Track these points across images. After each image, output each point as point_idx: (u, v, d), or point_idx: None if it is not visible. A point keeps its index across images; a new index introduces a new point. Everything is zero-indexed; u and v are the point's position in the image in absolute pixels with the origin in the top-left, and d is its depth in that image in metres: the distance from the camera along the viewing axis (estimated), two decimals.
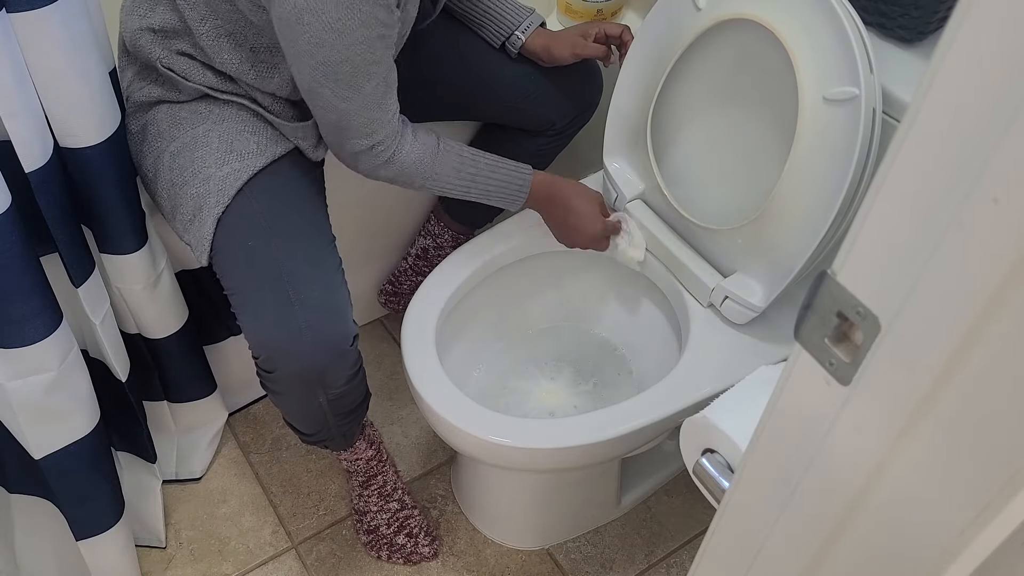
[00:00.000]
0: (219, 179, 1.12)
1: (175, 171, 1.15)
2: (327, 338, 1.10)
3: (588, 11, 1.54)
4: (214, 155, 1.14)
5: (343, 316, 1.12)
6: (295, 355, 1.10)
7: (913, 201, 0.38)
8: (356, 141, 1.10)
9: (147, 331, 1.32)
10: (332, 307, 1.11)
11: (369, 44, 1.00)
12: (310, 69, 1.02)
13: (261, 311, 1.10)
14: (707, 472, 0.71)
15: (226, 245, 1.13)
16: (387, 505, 1.39)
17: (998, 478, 0.39)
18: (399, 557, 1.41)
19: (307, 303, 1.09)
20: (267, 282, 1.10)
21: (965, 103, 0.35)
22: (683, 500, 1.50)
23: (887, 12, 1.10)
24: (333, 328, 1.10)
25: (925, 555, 0.43)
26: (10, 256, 0.98)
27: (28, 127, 1.00)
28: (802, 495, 0.50)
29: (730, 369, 1.19)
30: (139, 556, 1.37)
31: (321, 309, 1.10)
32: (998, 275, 0.35)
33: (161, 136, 1.18)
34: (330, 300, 1.11)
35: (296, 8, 0.96)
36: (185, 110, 1.17)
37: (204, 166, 1.13)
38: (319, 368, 1.11)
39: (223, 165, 1.13)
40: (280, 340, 1.09)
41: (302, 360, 1.10)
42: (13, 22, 0.95)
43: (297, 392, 1.15)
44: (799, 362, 0.46)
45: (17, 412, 1.07)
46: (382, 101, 1.08)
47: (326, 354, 1.10)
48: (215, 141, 1.14)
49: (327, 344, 1.10)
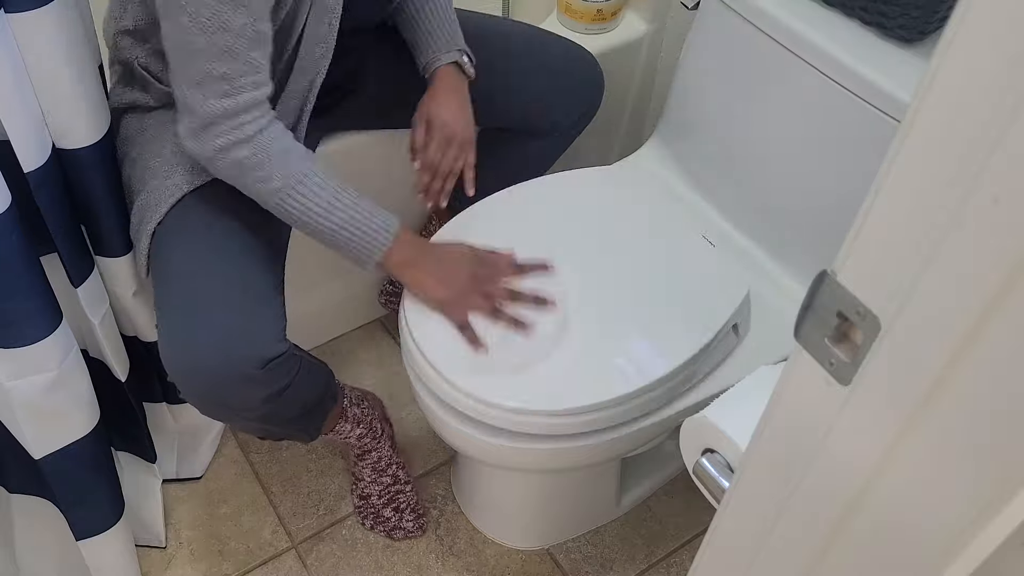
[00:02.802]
0: (160, 191, 1.11)
1: (133, 178, 1.15)
2: (227, 363, 1.03)
3: (588, 11, 1.54)
4: (164, 166, 1.12)
5: (250, 340, 1.05)
6: (192, 378, 1.06)
7: (913, 201, 0.38)
8: (215, 102, 0.99)
9: (142, 334, 1.32)
10: (238, 330, 1.05)
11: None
12: (167, 23, 0.96)
13: (166, 330, 1.07)
14: (707, 472, 0.71)
15: (155, 258, 1.11)
16: (380, 479, 1.41)
17: (998, 478, 0.39)
18: (382, 529, 1.43)
19: (211, 325, 1.04)
20: (178, 300, 1.07)
21: (965, 103, 0.35)
22: (683, 500, 1.50)
23: (887, 12, 1.10)
24: (235, 352, 1.04)
25: (925, 555, 0.43)
26: (10, 256, 0.98)
27: (27, 127, 1.00)
28: (802, 495, 0.50)
29: (730, 369, 1.19)
30: (139, 556, 1.37)
31: (225, 333, 1.04)
32: (998, 275, 0.35)
33: (127, 141, 1.17)
34: (237, 323, 1.05)
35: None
36: (152, 117, 1.16)
37: (152, 176, 1.12)
38: (219, 393, 1.07)
39: (167, 177, 1.11)
40: (178, 362, 1.05)
41: (200, 384, 1.06)
42: (11, 22, 0.95)
43: (211, 413, 1.12)
44: (799, 362, 0.46)
45: (17, 412, 1.07)
46: (249, 50, 0.98)
47: (226, 380, 1.05)
48: (167, 152, 1.13)
49: (227, 370, 1.04)
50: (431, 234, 1.55)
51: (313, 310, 1.55)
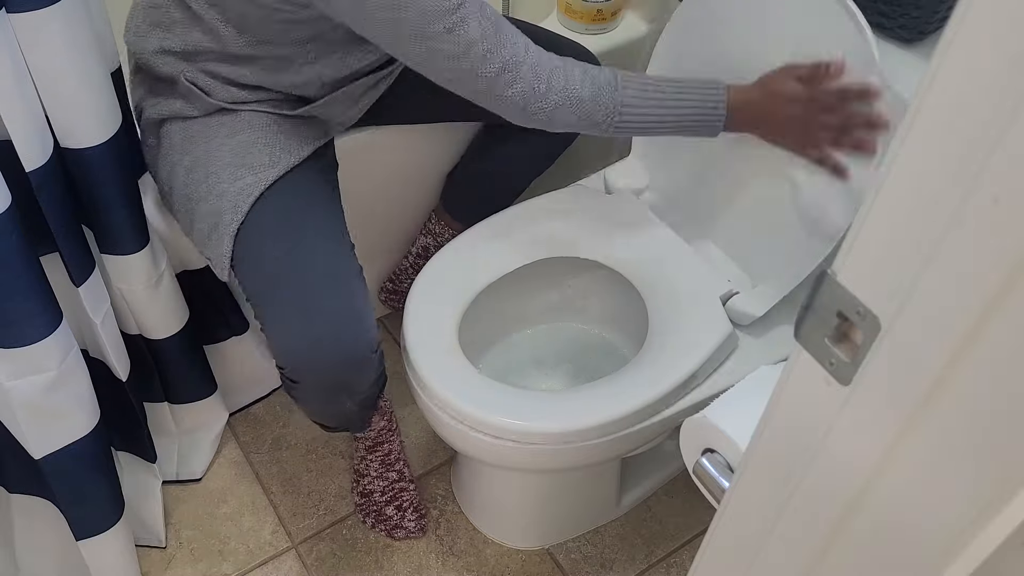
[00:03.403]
0: (233, 194, 1.12)
1: (190, 186, 1.16)
2: (348, 348, 1.09)
3: (588, 11, 1.54)
4: (227, 169, 1.14)
5: (364, 324, 1.11)
6: (317, 366, 1.10)
7: (913, 201, 0.38)
8: (495, 76, 1.00)
9: (148, 332, 1.32)
10: (352, 315, 1.10)
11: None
12: (407, 40, 0.97)
13: (282, 323, 1.10)
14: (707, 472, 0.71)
15: (245, 259, 1.13)
16: (386, 473, 1.41)
17: (998, 478, 0.39)
18: (383, 528, 1.43)
19: (326, 313, 1.08)
20: (286, 294, 1.10)
21: (965, 103, 0.35)
22: (683, 500, 1.50)
23: (887, 12, 1.10)
24: (354, 337, 1.09)
25: (925, 555, 0.43)
26: (10, 255, 0.98)
27: (28, 127, 1.00)
28: (802, 495, 0.50)
29: (730, 369, 1.19)
30: (139, 556, 1.37)
31: (341, 318, 1.09)
32: (998, 275, 0.35)
33: (174, 149, 1.18)
34: (350, 308, 1.10)
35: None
36: (198, 124, 1.17)
37: (218, 181, 1.13)
38: (342, 378, 1.11)
39: (236, 180, 1.13)
40: (302, 352, 1.09)
41: (325, 371, 1.10)
42: (13, 22, 0.95)
43: (323, 399, 1.16)
44: (799, 362, 0.46)
45: (17, 412, 1.07)
46: (498, 27, 1.00)
47: (348, 364, 1.10)
48: (227, 155, 1.14)
49: (348, 354, 1.09)
50: (431, 232, 1.56)
51: None
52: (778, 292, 1.19)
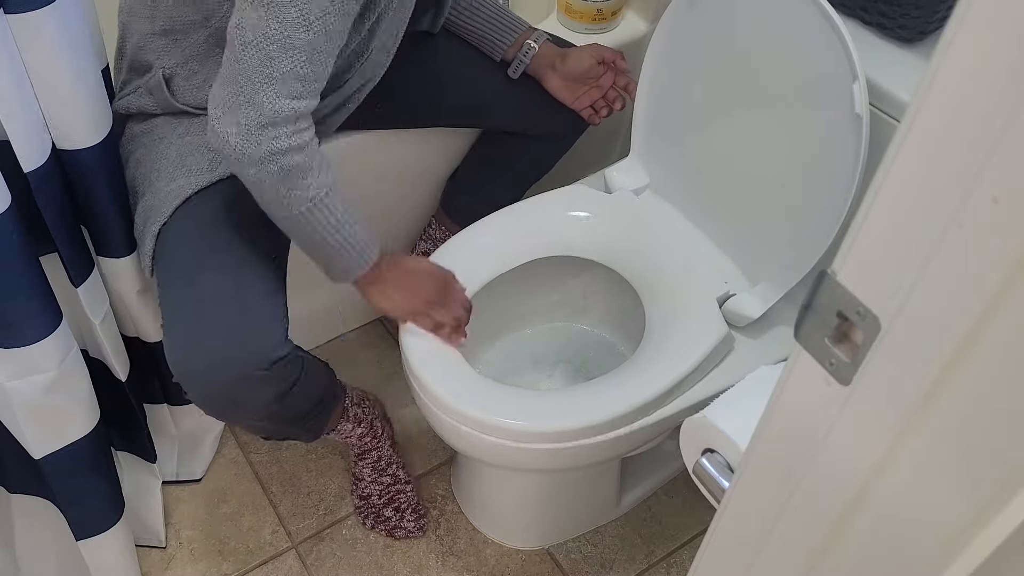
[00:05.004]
0: (165, 194, 1.11)
1: (136, 180, 1.16)
2: (233, 363, 1.04)
3: (588, 11, 1.54)
4: (167, 169, 1.13)
5: (256, 340, 1.05)
6: (199, 379, 1.06)
7: (913, 201, 0.38)
8: (287, 102, 0.94)
9: (144, 334, 1.32)
10: (244, 331, 1.05)
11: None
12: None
13: (172, 328, 1.07)
14: (707, 472, 0.71)
15: (160, 259, 1.12)
16: (380, 478, 1.41)
17: (998, 478, 0.39)
18: (383, 529, 1.43)
19: (216, 326, 1.04)
20: (182, 301, 1.07)
21: (965, 103, 0.35)
22: (683, 500, 1.50)
23: (887, 12, 1.11)
24: (241, 353, 1.04)
25: (925, 555, 0.43)
26: (10, 255, 0.98)
27: (27, 127, 1.00)
28: (802, 495, 0.50)
29: (730, 369, 1.19)
30: (139, 556, 1.37)
31: (231, 332, 1.04)
32: (998, 275, 0.35)
33: (132, 141, 1.18)
34: (242, 323, 1.05)
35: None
36: (159, 120, 1.17)
37: (157, 179, 1.13)
38: (226, 394, 1.07)
39: (171, 180, 1.12)
40: (184, 363, 1.05)
41: (207, 385, 1.06)
42: (11, 23, 0.95)
43: (215, 410, 1.12)
44: (799, 362, 0.46)
45: (17, 412, 1.07)
46: (331, 55, 0.97)
47: (233, 380, 1.05)
48: (173, 154, 1.14)
49: (233, 370, 1.04)
50: (430, 238, 1.56)
51: (313, 310, 1.55)
52: (776, 293, 1.18)
